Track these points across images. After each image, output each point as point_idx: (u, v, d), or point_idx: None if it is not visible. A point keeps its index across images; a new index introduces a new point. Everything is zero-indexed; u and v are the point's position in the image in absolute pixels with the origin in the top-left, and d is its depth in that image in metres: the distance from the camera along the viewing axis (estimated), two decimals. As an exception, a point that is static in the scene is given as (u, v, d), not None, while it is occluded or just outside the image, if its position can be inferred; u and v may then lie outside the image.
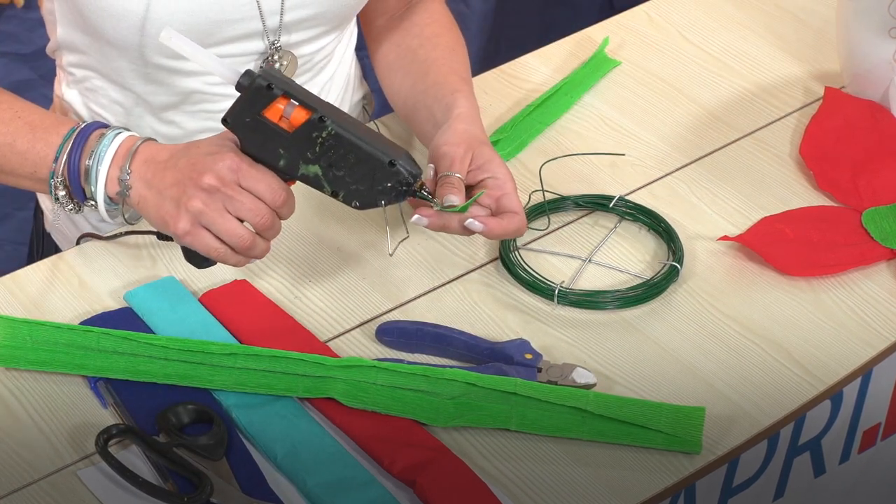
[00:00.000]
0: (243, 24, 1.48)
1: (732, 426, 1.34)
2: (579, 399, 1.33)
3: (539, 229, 1.54)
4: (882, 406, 1.50)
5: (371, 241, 1.52)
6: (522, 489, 1.28)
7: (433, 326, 1.41)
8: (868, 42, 1.64)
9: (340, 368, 1.34)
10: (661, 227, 1.53)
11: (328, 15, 1.53)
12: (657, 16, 1.86)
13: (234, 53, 1.50)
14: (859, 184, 1.59)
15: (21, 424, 1.32)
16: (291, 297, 1.46)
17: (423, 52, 1.58)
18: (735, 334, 1.43)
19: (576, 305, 1.45)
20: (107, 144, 1.37)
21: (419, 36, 1.59)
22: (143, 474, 1.27)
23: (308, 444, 1.30)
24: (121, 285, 1.46)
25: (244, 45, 1.50)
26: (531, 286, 1.47)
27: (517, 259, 1.49)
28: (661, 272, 1.48)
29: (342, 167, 1.33)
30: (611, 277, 1.49)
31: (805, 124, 1.67)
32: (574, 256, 1.52)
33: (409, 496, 1.27)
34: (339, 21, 1.56)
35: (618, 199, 1.55)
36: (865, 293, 1.48)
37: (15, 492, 1.27)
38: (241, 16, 1.47)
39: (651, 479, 1.29)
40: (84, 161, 1.38)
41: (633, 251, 1.52)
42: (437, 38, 1.59)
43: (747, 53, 1.80)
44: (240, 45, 1.50)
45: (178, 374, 1.34)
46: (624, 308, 1.45)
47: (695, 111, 1.71)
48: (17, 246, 2.67)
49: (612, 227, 1.55)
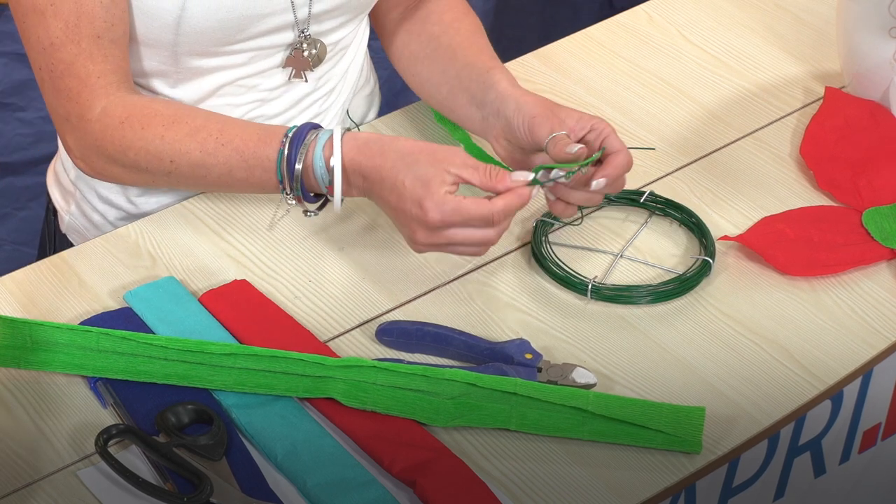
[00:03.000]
0: (275, 17, 1.50)
1: (732, 426, 1.34)
2: (579, 399, 1.33)
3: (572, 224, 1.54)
4: (882, 406, 1.50)
5: (371, 241, 1.52)
6: (522, 489, 1.28)
7: (433, 326, 1.41)
8: (868, 42, 1.64)
9: (340, 368, 1.34)
10: (693, 222, 1.54)
11: (353, 3, 1.55)
12: (657, 16, 1.86)
13: (265, 46, 1.52)
14: (859, 184, 1.59)
15: (21, 424, 1.32)
16: (291, 297, 1.46)
17: (447, 38, 1.59)
18: (735, 334, 1.43)
19: (609, 301, 1.45)
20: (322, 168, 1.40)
21: (439, 23, 1.60)
22: (143, 474, 1.27)
23: (308, 445, 1.30)
24: (121, 285, 1.46)
25: (274, 38, 1.52)
26: (564, 281, 1.47)
27: (549, 254, 1.49)
28: (693, 267, 1.49)
29: None
30: (641, 272, 1.49)
31: (805, 124, 1.67)
32: (606, 251, 1.52)
33: (409, 496, 1.27)
34: (361, 9, 1.58)
35: (648, 195, 1.56)
36: (865, 293, 1.48)
37: (15, 492, 1.27)
38: (273, 9, 1.49)
39: (651, 478, 1.29)
40: (311, 182, 1.41)
41: (663, 246, 1.52)
42: (458, 23, 1.60)
43: (747, 53, 1.80)
44: (270, 37, 1.52)
45: (177, 375, 1.34)
46: (656, 303, 1.45)
47: (695, 111, 1.71)
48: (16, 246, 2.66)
49: (644, 222, 1.55)
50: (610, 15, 1.87)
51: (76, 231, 1.66)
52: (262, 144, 1.41)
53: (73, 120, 1.45)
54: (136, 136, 1.43)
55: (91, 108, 1.44)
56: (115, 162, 1.45)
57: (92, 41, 1.42)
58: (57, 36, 1.42)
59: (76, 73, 1.43)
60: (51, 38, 1.42)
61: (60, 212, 1.67)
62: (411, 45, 1.61)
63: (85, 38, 1.42)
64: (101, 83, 1.44)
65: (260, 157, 1.41)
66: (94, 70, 1.43)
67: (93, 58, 1.43)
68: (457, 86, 1.55)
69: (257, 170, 1.42)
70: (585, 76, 1.76)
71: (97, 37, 1.42)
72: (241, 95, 1.55)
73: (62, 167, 1.65)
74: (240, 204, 1.56)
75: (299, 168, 1.39)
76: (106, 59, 1.43)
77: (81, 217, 1.64)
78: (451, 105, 1.57)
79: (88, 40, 1.42)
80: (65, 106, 1.45)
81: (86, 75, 1.43)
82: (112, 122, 1.44)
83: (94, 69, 1.43)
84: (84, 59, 1.43)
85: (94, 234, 1.62)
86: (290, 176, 1.40)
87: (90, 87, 1.43)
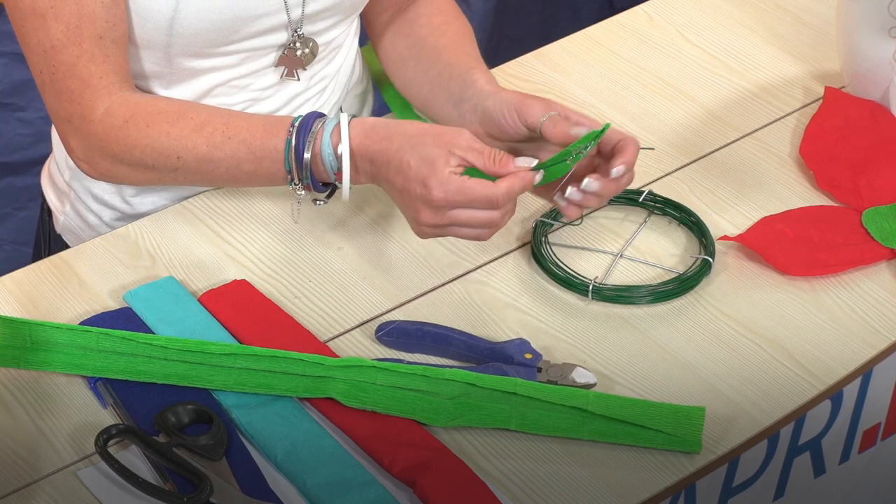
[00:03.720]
0: (269, 18, 1.50)
1: (732, 426, 1.34)
2: (579, 399, 1.33)
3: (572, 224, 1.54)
4: (882, 406, 1.50)
5: (371, 241, 1.52)
6: (522, 489, 1.28)
7: (433, 326, 1.41)
8: (868, 42, 1.64)
9: (340, 368, 1.34)
10: (692, 221, 1.54)
11: (346, 3, 1.55)
12: (657, 16, 1.86)
13: (258, 47, 1.52)
14: (859, 184, 1.59)
15: (21, 424, 1.32)
16: (291, 297, 1.46)
17: (433, 40, 1.59)
18: (735, 334, 1.43)
19: (609, 301, 1.45)
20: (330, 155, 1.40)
21: (427, 25, 1.61)
22: (143, 474, 1.27)
23: (308, 445, 1.30)
24: (121, 285, 1.46)
25: (268, 38, 1.52)
26: (564, 282, 1.47)
27: (549, 254, 1.49)
28: (693, 266, 1.49)
29: None
30: (641, 272, 1.49)
31: (805, 124, 1.67)
32: (606, 251, 1.52)
33: (409, 496, 1.27)
34: (354, 9, 1.58)
35: (647, 194, 1.56)
36: (865, 293, 1.48)
37: (15, 492, 1.27)
38: (266, 10, 1.49)
39: (651, 478, 1.29)
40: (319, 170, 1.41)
41: (663, 245, 1.52)
42: (446, 26, 1.61)
43: (747, 53, 1.80)
44: (264, 38, 1.52)
45: (177, 375, 1.34)
46: (656, 303, 1.45)
47: (695, 111, 1.71)
48: (17, 246, 2.66)
49: (643, 222, 1.55)
50: (610, 15, 1.87)
51: (71, 231, 1.66)
52: (269, 135, 1.41)
53: (75, 122, 1.45)
54: (142, 135, 1.43)
55: (93, 109, 1.44)
56: (121, 161, 1.45)
57: (94, 42, 1.42)
58: (58, 38, 1.41)
59: (78, 74, 1.43)
60: (52, 40, 1.42)
61: (55, 212, 1.67)
62: (399, 46, 1.62)
63: (87, 39, 1.42)
64: (103, 83, 1.44)
65: (268, 149, 1.41)
66: (95, 71, 1.43)
67: (94, 58, 1.43)
68: (437, 85, 1.56)
69: (265, 161, 1.42)
70: (585, 76, 1.76)
71: (99, 37, 1.42)
72: (234, 95, 1.55)
73: (56, 168, 1.65)
74: (240, 204, 1.56)
75: (307, 157, 1.40)
76: (107, 59, 1.43)
77: (76, 217, 1.64)
78: (430, 104, 1.58)
79: (90, 41, 1.42)
80: (66, 108, 1.45)
81: (88, 76, 1.43)
82: (116, 122, 1.44)
83: (96, 70, 1.43)
84: (86, 60, 1.42)
85: (90, 234, 1.62)
86: (299, 165, 1.40)
87: (92, 88, 1.43)
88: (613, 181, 1.40)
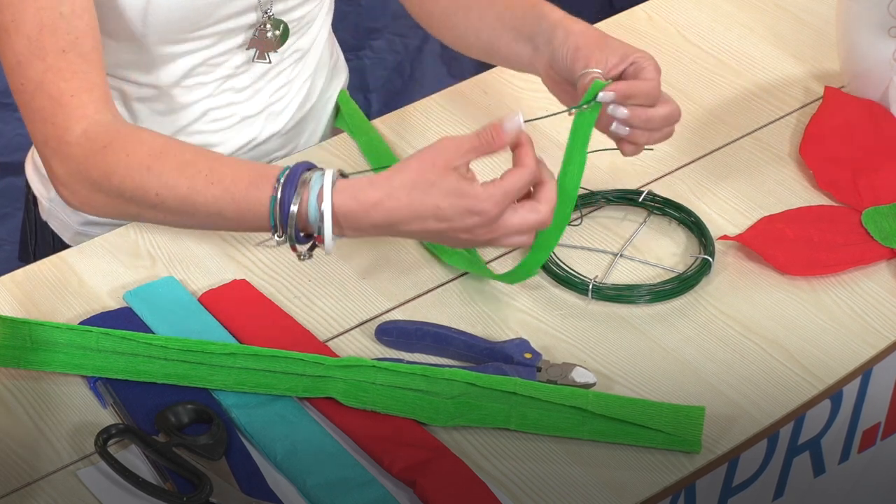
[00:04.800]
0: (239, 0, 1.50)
1: (732, 426, 1.34)
2: (579, 399, 1.33)
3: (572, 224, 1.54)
4: (882, 406, 1.50)
5: (371, 242, 1.52)
6: (522, 489, 1.28)
7: (433, 326, 1.41)
8: (868, 42, 1.64)
9: (340, 368, 1.34)
10: (692, 220, 1.54)
11: None
12: (657, 16, 1.86)
13: (230, 28, 1.53)
14: (859, 183, 1.59)
15: (21, 424, 1.32)
16: (291, 297, 1.46)
17: None
18: (735, 334, 1.43)
19: (608, 300, 1.45)
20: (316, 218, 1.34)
21: None
22: (143, 474, 1.27)
23: (308, 444, 1.30)
24: (120, 285, 1.46)
25: (239, 20, 1.53)
26: (564, 281, 1.47)
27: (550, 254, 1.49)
28: (693, 266, 1.49)
29: None
30: (640, 272, 1.49)
31: (805, 124, 1.67)
32: (605, 251, 1.52)
33: (409, 496, 1.27)
34: None
35: (647, 194, 1.56)
36: (865, 293, 1.48)
37: (15, 492, 1.27)
38: None
39: (651, 478, 1.29)
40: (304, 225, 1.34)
41: (662, 245, 1.52)
42: None
43: (747, 53, 1.80)
44: (235, 20, 1.52)
45: (177, 374, 1.34)
46: (656, 303, 1.45)
47: (695, 111, 1.71)
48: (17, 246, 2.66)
49: (642, 222, 1.55)
50: (610, 15, 1.87)
51: (56, 217, 1.66)
52: (253, 187, 1.35)
53: (52, 144, 1.40)
54: (121, 164, 1.37)
55: (69, 130, 1.39)
56: (100, 189, 1.39)
57: (58, 56, 1.38)
58: (22, 53, 1.37)
59: (47, 91, 1.38)
60: (17, 55, 1.38)
61: (40, 198, 1.67)
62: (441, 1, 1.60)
63: (50, 52, 1.37)
64: (74, 103, 1.38)
65: (251, 200, 1.35)
66: (65, 88, 1.38)
67: (62, 74, 1.38)
68: (498, 27, 1.53)
69: (248, 213, 1.36)
70: (585, 76, 1.76)
71: (62, 51, 1.38)
72: (210, 74, 1.56)
73: None
74: (240, 204, 1.56)
75: (294, 210, 1.33)
76: (76, 75, 1.38)
77: (60, 201, 1.63)
78: (493, 50, 1.55)
79: (54, 55, 1.38)
80: (41, 130, 1.40)
81: (58, 94, 1.38)
82: (94, 147, 1.38)
83: (66, 87, 1.38)
84: (52, 75, 1.38)
85: (75, 219, 1.61)
86: (284, 221, 1.34)
87: (64, 107, 1.38)
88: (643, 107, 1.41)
